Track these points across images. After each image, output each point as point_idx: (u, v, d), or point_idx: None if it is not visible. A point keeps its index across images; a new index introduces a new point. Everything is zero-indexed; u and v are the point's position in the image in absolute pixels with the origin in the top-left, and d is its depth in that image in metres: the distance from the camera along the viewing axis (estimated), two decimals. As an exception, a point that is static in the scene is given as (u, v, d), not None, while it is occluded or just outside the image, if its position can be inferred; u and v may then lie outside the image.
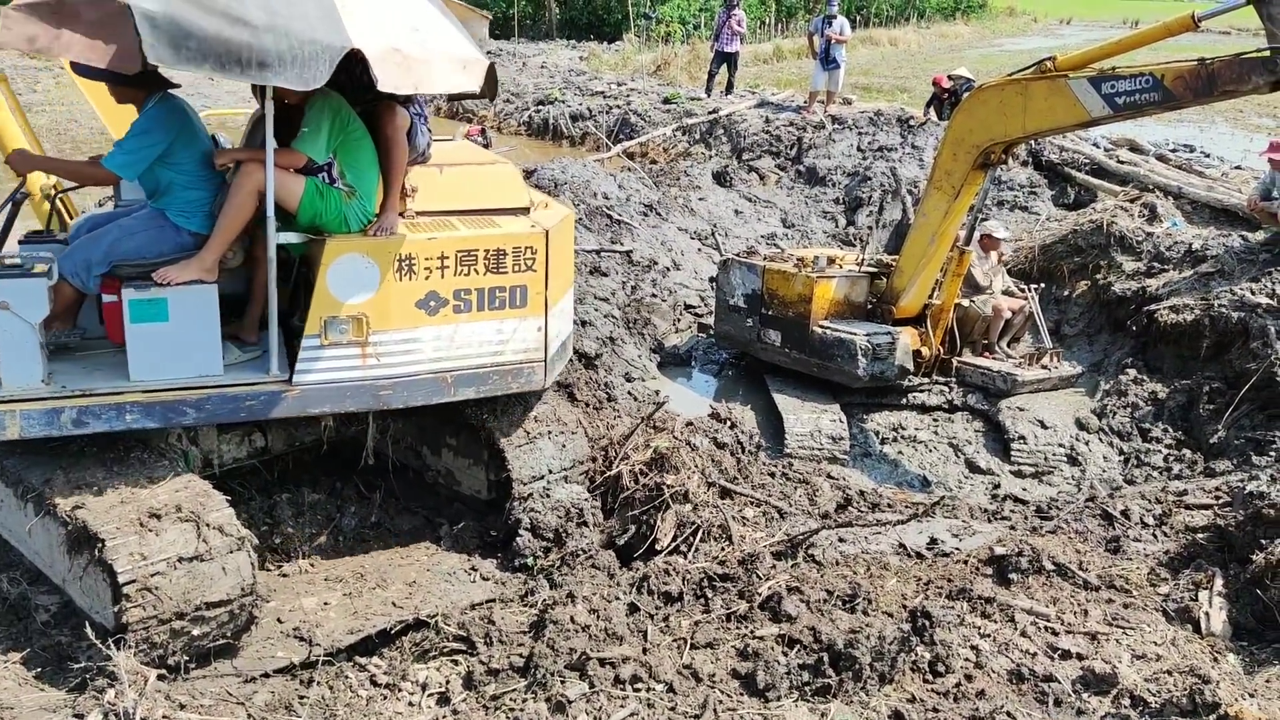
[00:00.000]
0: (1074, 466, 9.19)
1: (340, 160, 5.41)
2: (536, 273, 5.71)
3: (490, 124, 22.14)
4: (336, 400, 5.43)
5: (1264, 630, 5.25)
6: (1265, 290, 9.99)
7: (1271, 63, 7.75)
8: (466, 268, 5.55)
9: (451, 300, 5.55)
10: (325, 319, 5.27)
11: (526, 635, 5.24)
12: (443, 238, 5.50)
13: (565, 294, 6.20)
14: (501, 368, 5.78)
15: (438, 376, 5.62)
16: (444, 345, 5.59)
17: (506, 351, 5.79)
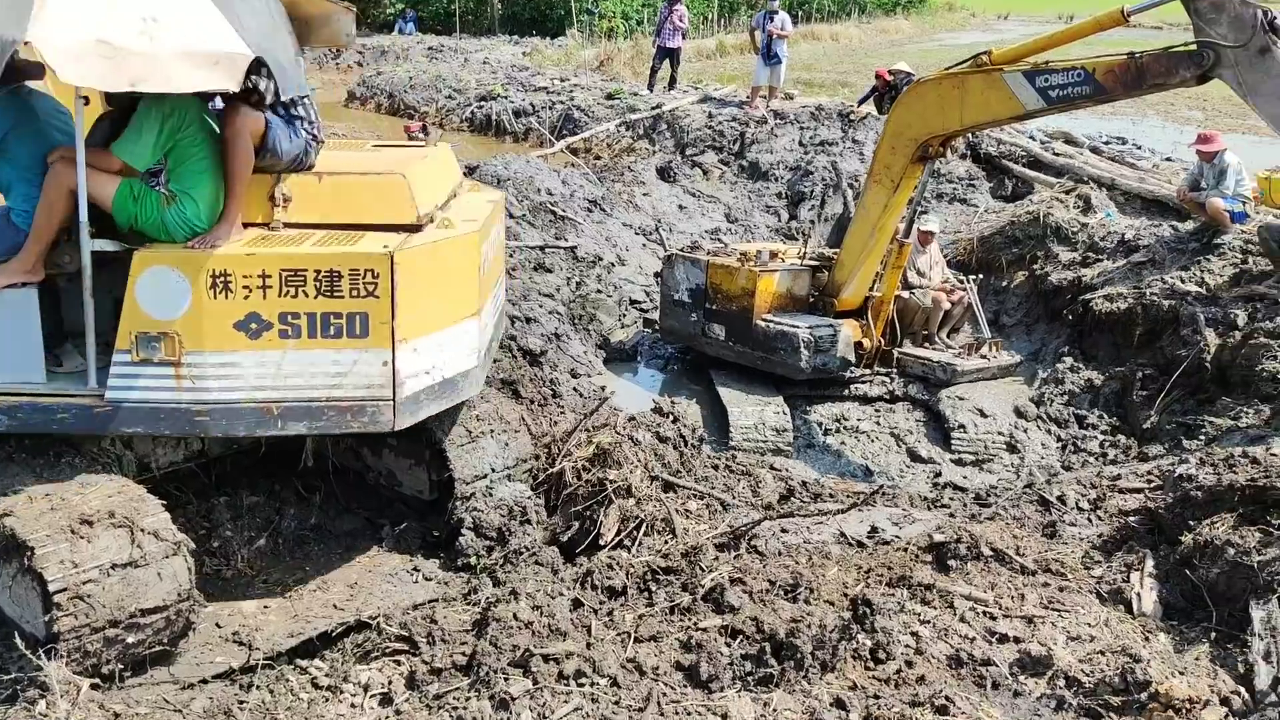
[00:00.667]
0: (1013, 454, 9.36)
1: (170, 164, 5.12)
2: (379, 300, 4.98)
3: (432, 120, 21.98)
4: (150, 422, 5.03)
5: (1193, 609, 5.37)
6: (1194, 279, 10.24)
7: (1198, 56, 7.93)
8: (294, 289, 4.94)
9: (277, 324, 4.96)
10: (135, 334, 4.89)
11: (469, 634, 5.21)
12: (263, 253, 4.95)
13: (447, 327, 5.46)
14: (338, 403, 5.12)
15: (262, 407, 5.05)
16: (269, 373, 5.02)
17: (345, 386, 5.11)
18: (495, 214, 6.48)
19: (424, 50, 30.08)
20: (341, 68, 30.99)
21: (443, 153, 6.52)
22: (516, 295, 10.78)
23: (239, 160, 5.15)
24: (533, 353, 9.76)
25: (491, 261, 6.27)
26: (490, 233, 6.17)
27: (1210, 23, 7.87)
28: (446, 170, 6.42)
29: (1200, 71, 7.97)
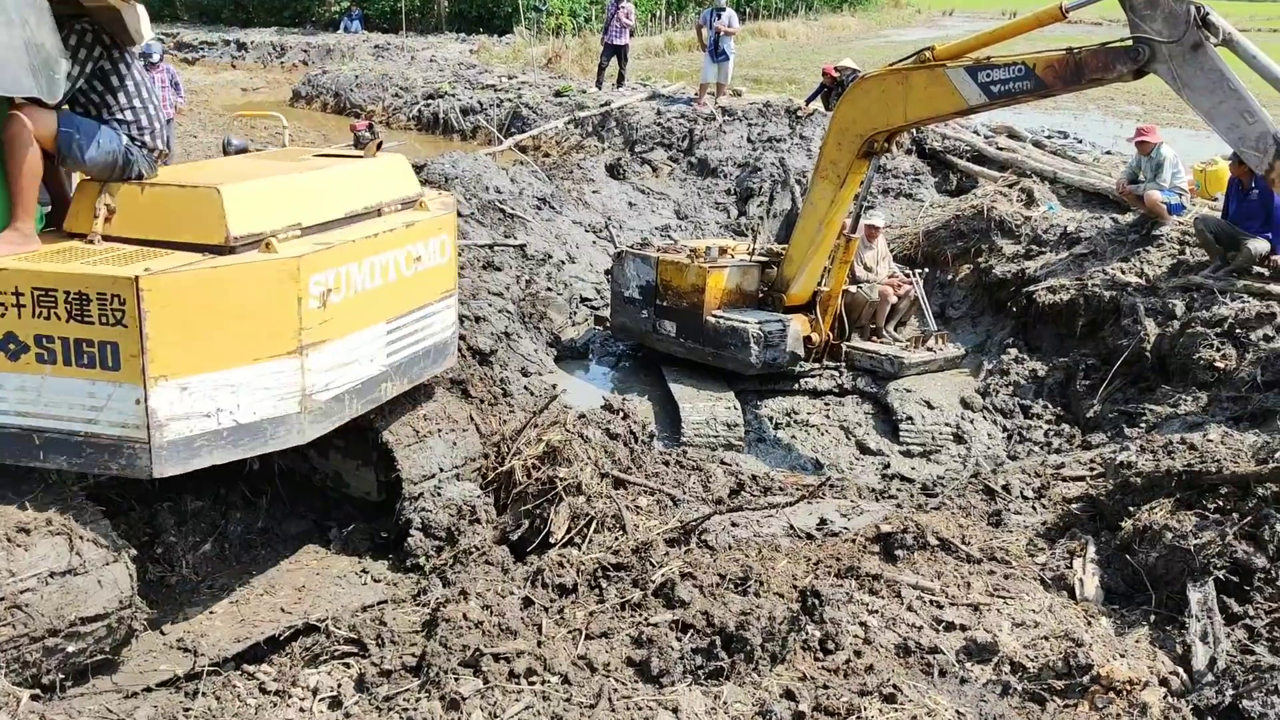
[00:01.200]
0: (960, 444, 9.48)
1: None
2: (128, 329, 4.49)
3: (379, 118, 21.79)
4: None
5: (1133, 593, 5.48)
6: (1134, 269, 10.43)
7: (1134, 51, 8.08)
8: (46, 309, 4.53)
9: (33, 346, 4.58)
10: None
11: (419, 635, 5.20)
12: (14, 269, 4.55)
13: (240, 365, 4.88)
14: (96, 440, 4.67)
15: (24, 434, 4.68)
16: (30, 398, 4.64)
17: (100, 421, 4.65)
18: (411, 236, 5.85)
19: (370, 48, 29.81)
20: (286, 66, 30.65)
21: (371, 165, 6.09)
22: (466, 294, 10.73)
23: (17, 165, 4.82)
24: (482, 352, 9.70)
25: (387, 287, 5.66)
26: (377, 256, 5.57)
27: (1145, 19, 8.03)
28: (354, 185, 5.81)
29: (1136, 66, 8.11)
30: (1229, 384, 8.58)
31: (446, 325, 6.40)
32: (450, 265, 6.37)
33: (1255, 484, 5.49)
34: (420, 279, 6.01)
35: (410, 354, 6.00)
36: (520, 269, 12.35)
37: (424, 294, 6.09)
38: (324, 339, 5.23)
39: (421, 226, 5.99)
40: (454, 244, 6.43)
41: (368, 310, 5.56)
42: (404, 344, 5.94)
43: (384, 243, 5.64)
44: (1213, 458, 5.89)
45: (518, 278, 12.05)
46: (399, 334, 5.88)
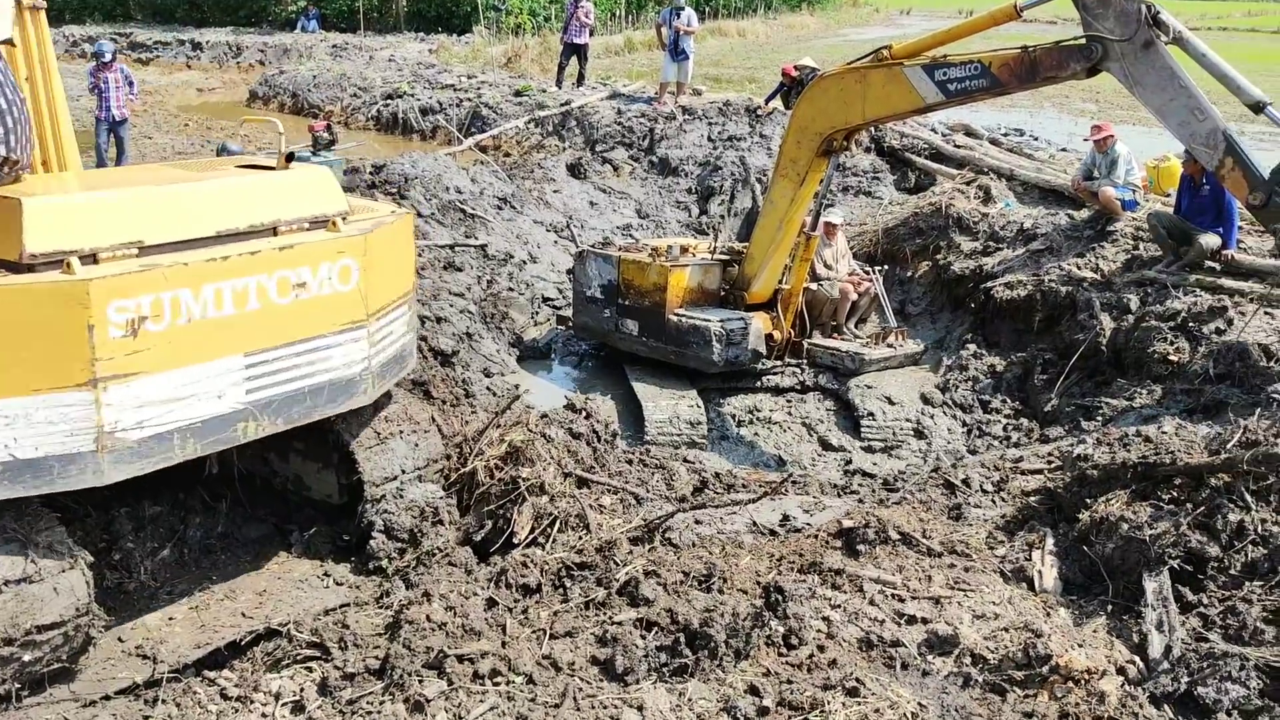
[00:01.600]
0: (920, 439, 9.56)
1: None
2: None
3: (337, 119, 21.62)
4: None
5: (1090, 584, 5.56)
6: (1090, 265, 10.57)
7: (1087, 50, 8.19)
8: None
9: None
10: None
11: (382, 637, 5.17)
12: None
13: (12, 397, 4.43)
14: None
15: None
16: None
17: None
18: (288, 259, 5.23)
19: (327, 48, 29.58)
20: (242, 66, 30.35)
21: (276, 179, 5.59)
22: (427, 295, 10.68)
23: None
24: (444, 353, 9.67)
25: (247, 316, 5.10)
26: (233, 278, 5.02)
27: (1098, 17, 8.14)
28: (237, 200, 5.29)
29: (1089, 64, 8.22)
30: (1182, 377, 8.73)
31: (351, 360, 5.61)
32: (358, 293, 5.55)
33: (1208, 474, 5.59)
34: (304, 308, 5.31)
35: (287, 391, 5.32)
36: (481, 269, 12.31)
37: (309, 325, 5.37)
38: (134, 371, 4.67)
39: (305, 250, 5.28)
40: (382, 267, 5.71)
41: (214, 341, 4.97)
42: (276, 380, 5.27)
43: (238, 267, 5.01)
44: (1167, 449, 5.97)
45: (479, 278, 12.01)
46: (267, 369, 5.22)
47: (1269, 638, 4.79)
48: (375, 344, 5.77)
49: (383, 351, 5.89)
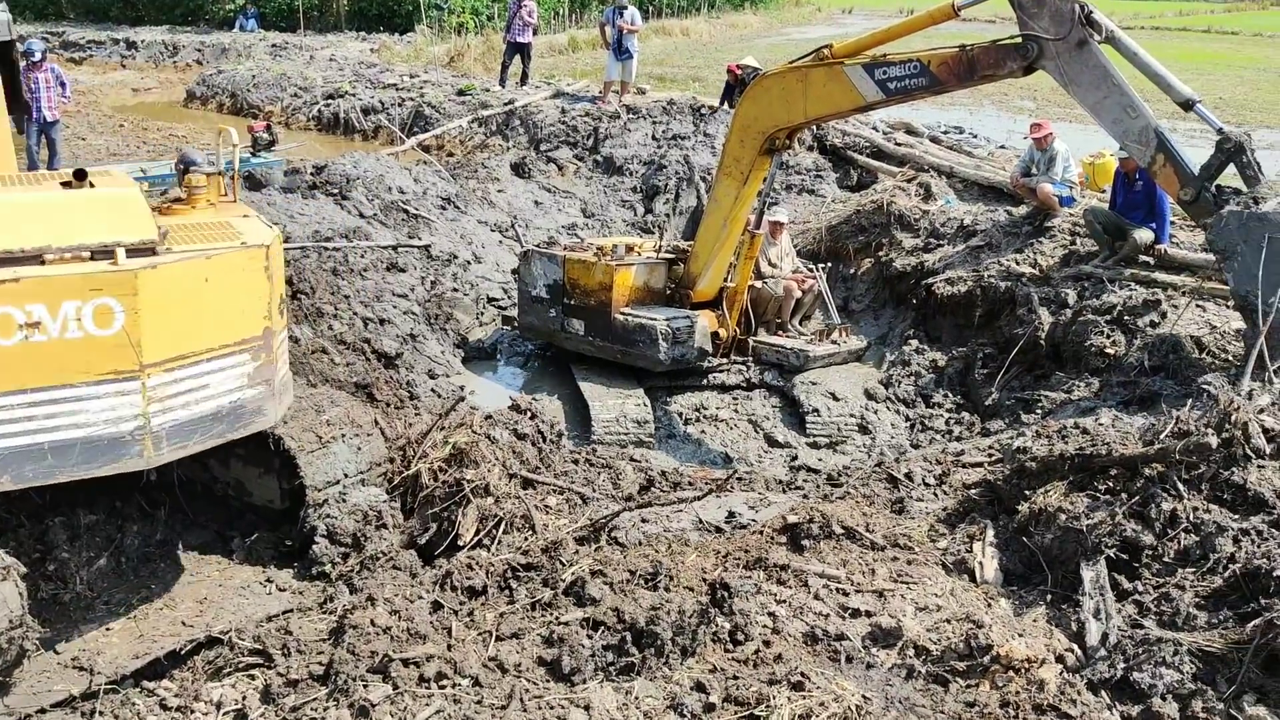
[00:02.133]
0: (865, 434, 9.66)
1: None
2: None
3: (277, 119, 21.33)
4: None
5: (1030, 574, 5.65)
6: (1028, 260, 10.74)
7: (1024, 48, 8.33)
8: None
9: None
10: None
11: (326, 643, 5.12)
12: None
13: None
14: None
15: None
16: None
17: None
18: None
19: (267, 47, 29.12)
20: (179, 66, 29.81)
21: (54, 199, 4.98)
22: (370, 297, 10.58)
23: None
24: (388, 355, 9.59)
25: None
26: None
27: (1033, 17, 8.28)
28: None
29: (1026, 63, 8.36)
30: (1119, 369, 8.89)
31: (117, 418, 4.87)
32: (123, 339, 4.77)
33: (1142, 465, 5.70)
34: (36, 352, 4.61)
35: (13, 446, 4.67)
36: (425, 270, 12.21)
37: (44, 373, 4.66)
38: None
39: (37, 285, 4.56)
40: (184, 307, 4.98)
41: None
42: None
43: None
44: (1103, 441, 6.08)
45: (423, 279, 11.92)
46: None
47: (1201, 623, 4.90)
48: (160, 400, 4.93)
49: (178, 409, 5.05)
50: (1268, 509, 5.33)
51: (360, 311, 10.16)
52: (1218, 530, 5.25)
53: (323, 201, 12.82)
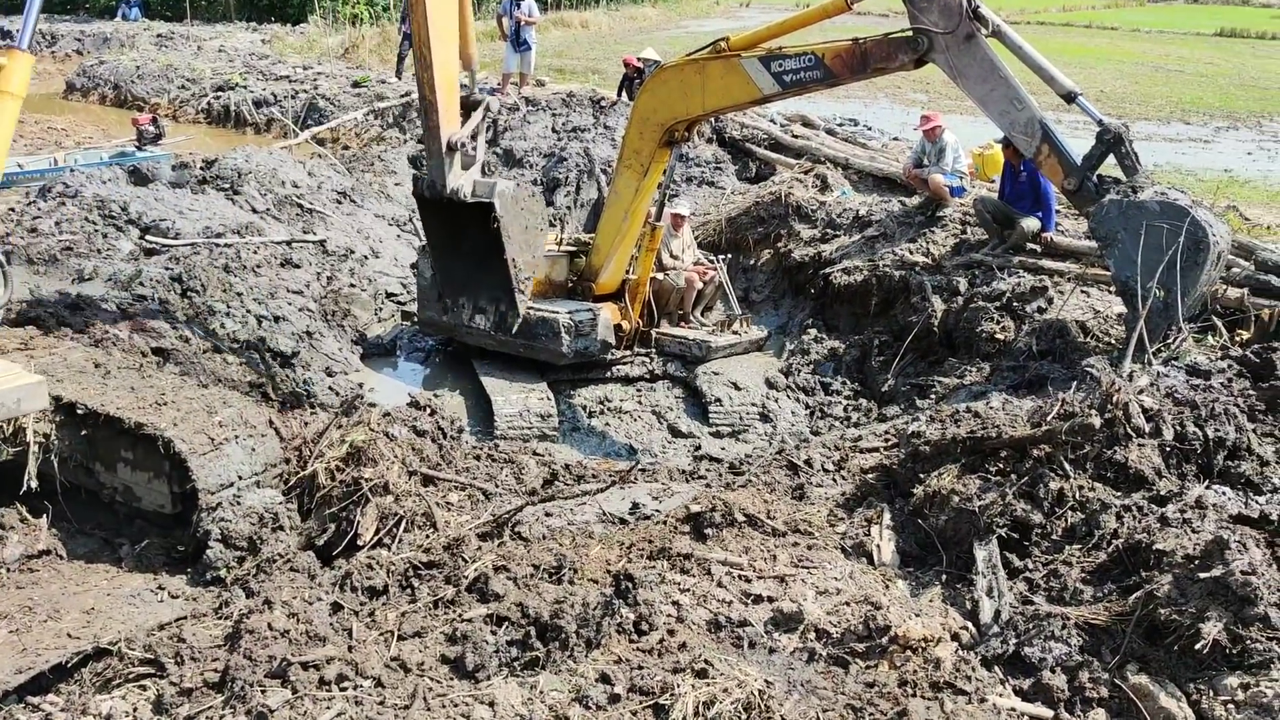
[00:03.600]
0: (766, 423, 9.78)
1: None
2: None
3: (164, 112, 20.66)
4: None
5: (926, 555, 5.79)
6: (921, 250, 10.99)
7: (914, 41, 8.51)
8: None
9: None
10: None
11: (222, 649, 4.97)
12: None
13: None
14: None
15: None
16: None
17: None
18: None
19: (152, 38, 28.18)
20: (58, 56, 28.65)
21: None
22: (264, 294, 10.32)
23: None
24: (283, 353, 9.37)
25: None
26: None
27: (923, 11, 8.46)
28: None
29: (917, 56, 8.55)
30: (1008, 354, 9.17)
31: None
32: None
33: (1031, 446, 5.89)
34: None
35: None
36: (321, 265, 11.96)
37: None
38: None
39: None
40: None
41: None
42: None
43: None
44: (993, 424, 6.26)
45: (319, 274, 11.67)
46: None
47: (1087, 597, 5.08)
48: None
49: None
50: (1148, 485, 5.56)
51: (254, 309, 9.90)
52: (1102, 507, 5.45)
53: (213, 196, 12.45)
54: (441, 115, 8.23)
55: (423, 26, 8.02)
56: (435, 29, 8.00)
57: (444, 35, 8.15)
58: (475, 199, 8.13)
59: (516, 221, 8.16)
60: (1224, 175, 16.01)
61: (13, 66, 5.70)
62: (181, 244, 10.73)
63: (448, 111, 8.30)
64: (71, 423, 6.08)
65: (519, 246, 8.18)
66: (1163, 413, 5.83)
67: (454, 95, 8.36)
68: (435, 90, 8.08)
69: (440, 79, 8.11)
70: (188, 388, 6.61)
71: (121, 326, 8.27)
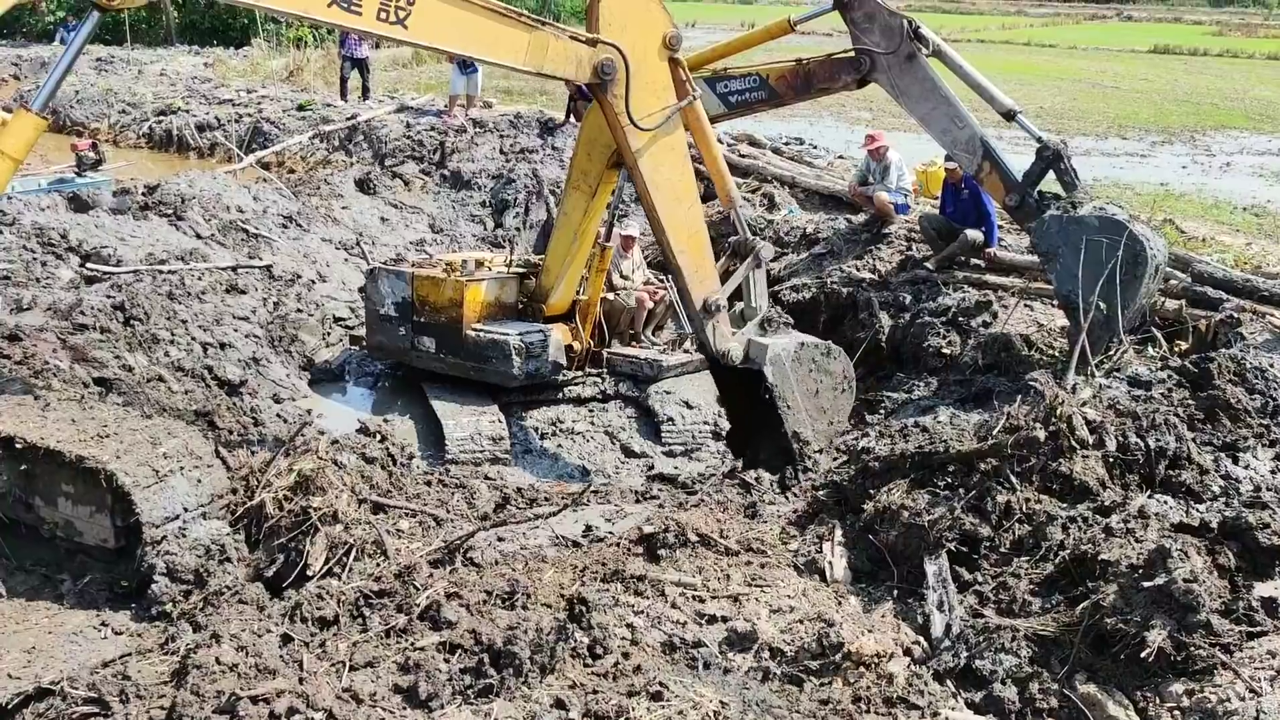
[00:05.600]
0: (718, 441, 9.78)
1: None
2: None
3: (104, 137, 20.36)
4: None
5: (877, 571, 5.84)
6: (868, 266, 11.12)
7: (856, 61, 8.64)
8: None
9: None
10: None
11: (168, 685, 4.89)
12: None
13: None
14: None
15: None
16: None
17: None
18: None
19: (91, 61, 27.77)
20: (-6, 81, 28.15)
21: None
22: (209, 320, 10.17)
23: None
24: (230, 382, 9.24)
25: None
26: None
27: (865, 31, 8.61)
28: None
29: (859, 76, 8.68)
30: (955, 368, 9.29)
31: None
32: None
33: (978, 460, 5.97)
34: None
35: None
36: (267, 291, 11.81)
37: None
38: None
39: None
40: None
41: None
42: None
43: None
44: (941, 439, 6.34)
45: (264, 300, 11.53)
46: None
47: (1036, 608, 5.15)
48: None
49: None
50: (1092, 496, 5.65)
51: (199, 336, 9.76)
52: (1048, 519, 5.54)
53: (156, 222, 12.28)
54: (689, 278, 7.82)
55: (645, 193, 7.62)
56: (659, 191, 7.60)
57: (676, 192, 7.75)
58: (745, 365, 7.55)
59: (798, 388, 7.49)
60: (1160, 189, 16.38)
61: (15, 126, 5.54)
62: (124, 271, 10.56)
63: (697, 272, 7.86)
64: (10, 456, 5.95)
65: (804, 416, 7.40)
66: (1105, 424, 5.94)
67: (703, 255, 7.92)
68: (675, 254, 7.69)
69: (678, 241, 7.70)
70: (131, 419, 6.48)
71: (62, 356, 8.11)
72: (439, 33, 6.63)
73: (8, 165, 5.58)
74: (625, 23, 7.36)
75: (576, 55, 7.12)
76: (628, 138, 7.53)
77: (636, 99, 7.43)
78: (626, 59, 7.26)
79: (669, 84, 7.71)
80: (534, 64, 7.05)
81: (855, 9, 8.68)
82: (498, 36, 6.80)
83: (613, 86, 7.36)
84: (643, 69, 7.51)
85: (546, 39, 6.98)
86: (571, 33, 7.24)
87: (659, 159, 7.54)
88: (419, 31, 6.57)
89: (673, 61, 7.67)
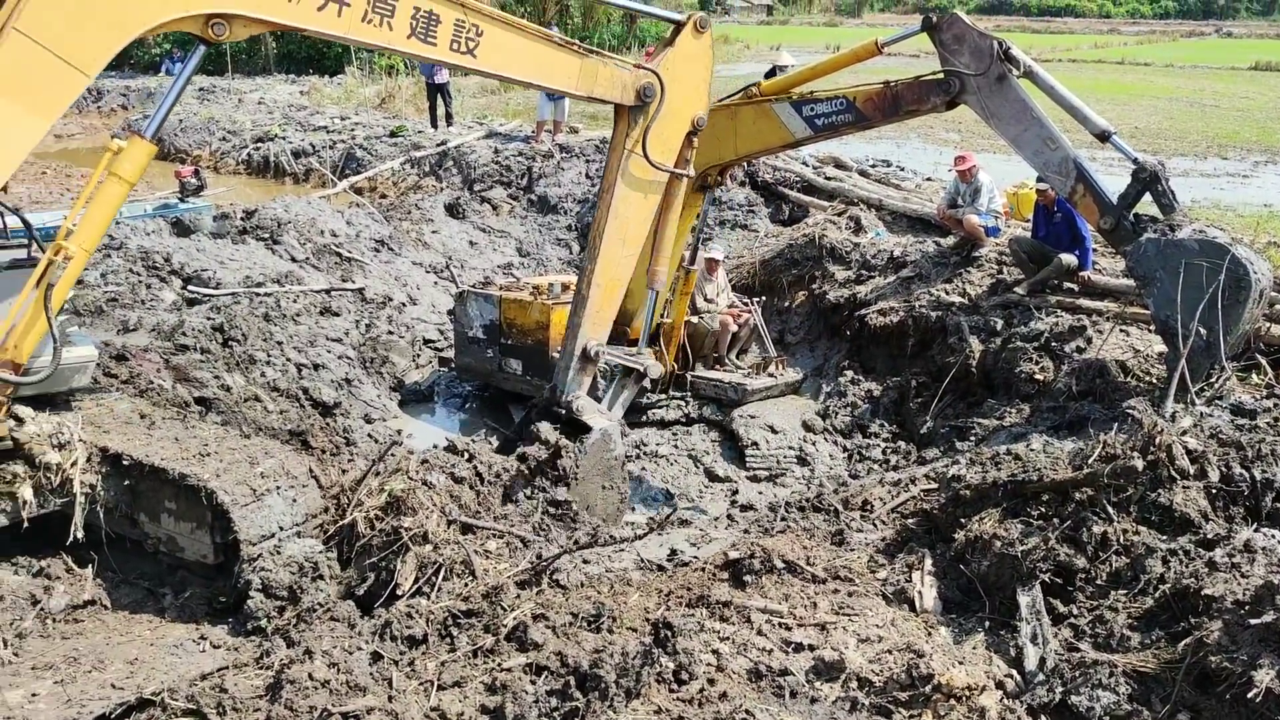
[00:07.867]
0: (804, 466, 9.72)
1: None
2: None
3: (206, 163, 21.09)
4: None
5: (969, 602, 5.71)
6: (957, 290, 10.94)
7: (946, 84, 8.54)
8: None
9: None
10: None
11: (263, 699, 4.99)
12: None
13: None
14: None
15: None
16: None
17: None
18: None
19: (194, 91, 28.83)
20: (104, 111, 29.37)
21: None
22: (303, 342, 10.45)
23: None
24: (325, 403, 9.47)
25: None
26: None
27: (954, 53, 8.50)
28: None
29: (948, 98, 8.57)
30: (1048, 394, 9.08)
31: None
32: None
33: (1073, 489, 5.81)
34: None
35: None
36: (360, 313, 12.10)
37: None
38: None
39: None
40: None
41: None
42: None
43: None
44: (1034, 466, 6.19)
45: (357, 322, 11.81)
46: None
47: (1135, 643, 4.99)
48: None
49: None
50: (1194, 529, 5.46)
51: (294, 357, 10.03)
52: (1147, 551, 5.37)
53: (253, 246, 12.67)
54: (588, 315, 7.87)
55: (602, 216, 7.81)
56: (615, 220, 7.77)
57: (626, 233, 7.88)
58: (581, 419, 7.68)
59: (594, 465, 7.53)
60: (1264, 210, 15.84)
61: (131, 152, 5.85)
62: (223, 294, 10.91)
63: (598, 314, 7.93)
64: (117, 473, 6.17)
65: (585, 491, 7.42)
66: (1207, 454, 5.74)
67: (611, 302, 8.00)
68: (589, 285, 7.77)
69: (600, 275, 7.79)
70: (230, 438, 6.69)
71: (165, 376, 8.40)
72: (503, 61, 7.06)
73: (123, 189, 5.86)
74: (678, 75, 7.87)
75: (622, 80, 7.61)
76: (624, 160, 7.83)
77: (652, 134, 7.85)
78: (664, 88, 7.72)
79: (676, 149, 8.10)
80: (585, 88, 7.49)
81: (944, 31, 8.59)
82: (554, 64, 7.26)
83: (644, 111, 7.78)
84: (668, 118, 7.92)
85: (596, 66, 7.45)
86: (618, 60, 7.69)
87: (632, 197, 7.87)
88: (486, 60, 6.97)
89: (688, 138, 8.10)
